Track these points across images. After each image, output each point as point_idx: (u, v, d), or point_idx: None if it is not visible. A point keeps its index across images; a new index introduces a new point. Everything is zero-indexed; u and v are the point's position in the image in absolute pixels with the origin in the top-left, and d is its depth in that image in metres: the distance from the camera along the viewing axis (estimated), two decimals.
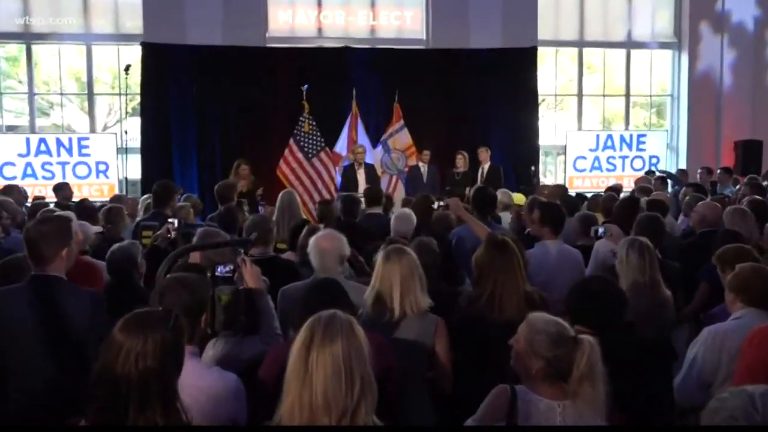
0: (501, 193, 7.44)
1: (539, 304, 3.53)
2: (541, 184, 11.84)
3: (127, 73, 11.25)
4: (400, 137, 11.75)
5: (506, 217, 7.12)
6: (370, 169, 10.54)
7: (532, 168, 11.86)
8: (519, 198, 8.25)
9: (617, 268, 4.18)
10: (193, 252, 3.94)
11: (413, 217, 5.82)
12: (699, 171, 11.85)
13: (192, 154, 12.32)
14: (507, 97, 13.11)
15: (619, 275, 4.12)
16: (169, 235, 5.20)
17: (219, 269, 3.18)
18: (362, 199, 7.15)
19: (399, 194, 10.83)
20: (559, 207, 5.27)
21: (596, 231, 5.42)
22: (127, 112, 12.48)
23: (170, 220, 5.34)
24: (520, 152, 13.05)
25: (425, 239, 4.50)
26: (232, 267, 3.23)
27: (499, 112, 13.12)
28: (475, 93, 13.02)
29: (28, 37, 12.67)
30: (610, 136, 14.09)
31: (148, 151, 12.18)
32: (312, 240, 4.11)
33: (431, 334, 3.44)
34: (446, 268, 4.71)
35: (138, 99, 12.61)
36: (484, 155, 11.57)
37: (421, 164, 11.35)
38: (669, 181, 10.35)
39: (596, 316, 3.14)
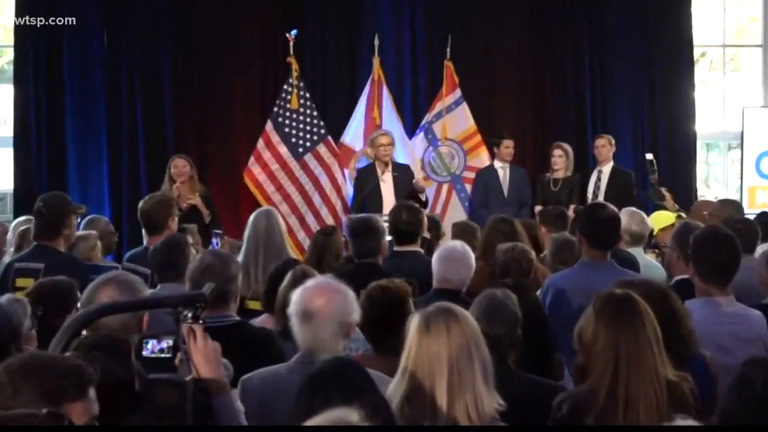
0: (627, 217, 7.38)
1: (690, 401, 3.56)
2: (699, 198, 11.75)
3: None
4: (456, 118, 11.78)
5: (643, 258, 7.10)
6: (403, 174, 10.55)
7: (649, 157, 11.27)
8: (664, 219, 8.20)
9: None
10: (104, 316, 3.97)
11: (470, 256, 5.85)
12: None
13: (101, 147, 12.36)
14: (641, 51, 13.13)
15: None
16: None
17: (149, 346, 3.19)
18: (388, 226, 7.19)
19: (454, 215, 10.84)
20: (732, 239, 5.26)
21: None
22: None
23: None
24: (662, 145, 13.00)
25: (498, 294, 4.53)
26: (170, 342, 3.24)
27: (628, 76, 13.15)
28: (585, 45, 13.07)
29: None
30: None
31: (25, 143, 12.30)
32: (295, 294, 4.13)
33: None
34: (534, 343, 4.72)
35: (10, 55, 12.79)
36: (605, 150, 11.31)
37: (499, 164, 11.21)
38: None
39: None
